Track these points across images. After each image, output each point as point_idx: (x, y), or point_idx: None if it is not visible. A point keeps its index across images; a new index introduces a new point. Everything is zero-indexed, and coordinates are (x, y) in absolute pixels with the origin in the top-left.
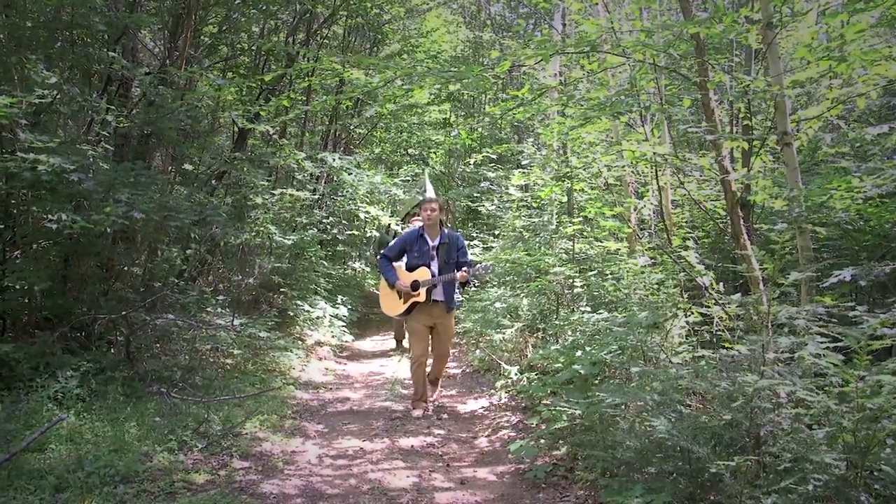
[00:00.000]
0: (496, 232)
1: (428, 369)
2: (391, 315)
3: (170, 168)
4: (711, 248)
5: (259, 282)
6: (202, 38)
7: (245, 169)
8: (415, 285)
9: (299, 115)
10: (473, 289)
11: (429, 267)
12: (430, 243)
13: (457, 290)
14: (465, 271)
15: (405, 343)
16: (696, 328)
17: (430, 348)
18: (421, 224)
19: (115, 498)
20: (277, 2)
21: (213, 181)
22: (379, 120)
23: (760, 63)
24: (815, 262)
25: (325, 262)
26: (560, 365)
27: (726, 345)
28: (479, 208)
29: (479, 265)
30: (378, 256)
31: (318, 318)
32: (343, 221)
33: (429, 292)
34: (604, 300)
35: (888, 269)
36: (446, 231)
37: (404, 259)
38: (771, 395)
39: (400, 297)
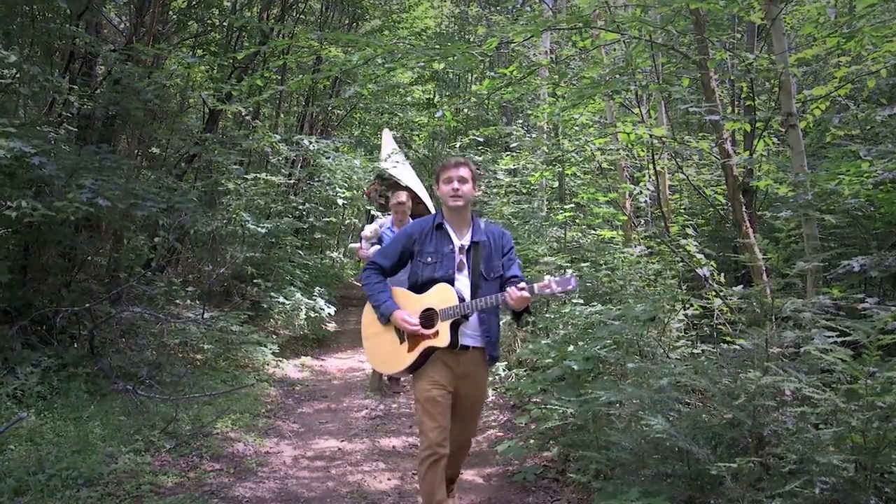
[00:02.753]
0: (483, 220)
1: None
2: (387, 372)
3: (136, 151)
4: (712, 236)
5: (231, 272)
6: (170, 13)
7: (216, 152)
8: (428, 318)
9: (274, 95)
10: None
11: (452, 283)
12: (455, 241)
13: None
14: (520, 290)
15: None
16: (695, 322)
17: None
18: (441, 210)
19: (77, 502)
20: None
21: (183, 165)
22: (359, 101)
23: (764, 40)
24: (822, 251)
25: (301, 252)
26: (551, 361)
27: (727, 339)
28: None
29: (553, 279)
30: (362, 266)
31: (293, 310)
32: (320, 208)
33: (455, 329)
34: (598, 292)
35: None
36: (482, 223)
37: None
38: (775, 393)
39: (401, 340)
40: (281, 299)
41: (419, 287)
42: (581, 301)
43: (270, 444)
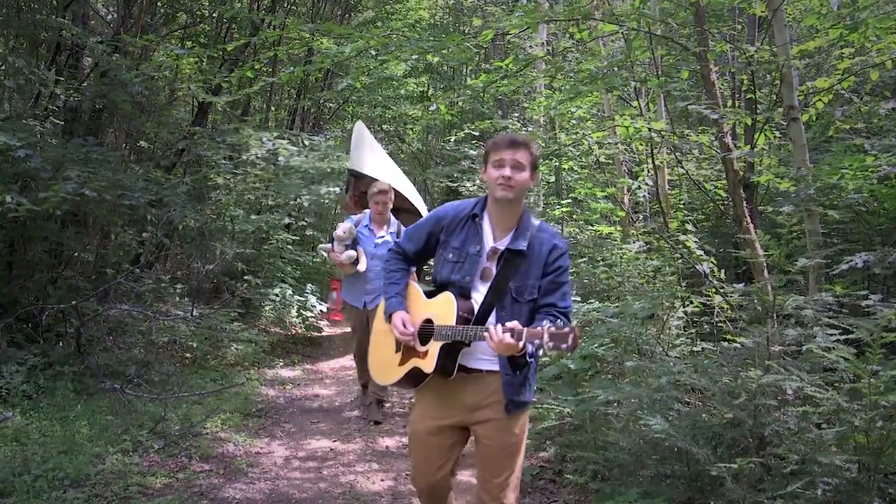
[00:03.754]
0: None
1: None
2: (375, 379)
3: (124, 145)
4: (712, 232)
5: (220, 269)
6: (159, 3)
7: (205, 146)
8: (427, 331)
9: (264, 87)
10: None
11: (469, 294)
12: (487, 241)
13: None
14: (505, 331)
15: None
16: (695, 319)
17: (450, 470)
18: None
19: (64, 503)
20: None
21: (171, 158)
22: (351, 94)
23: (765, 32)
24: (825, 247)
25: (291, 248)
26: (548, 359)
27: (728, 337)
28: (460, 189)
29: (550, 327)
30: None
31: (284, 308)
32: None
33: (447, 355)
34: (595, 289)
35: None
36: (535, 225)
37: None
38: (776, 392)
39: (397, 348)
40: (271, 296)
41: (440, 288)
42: (578, 298)
43: (261, 444)
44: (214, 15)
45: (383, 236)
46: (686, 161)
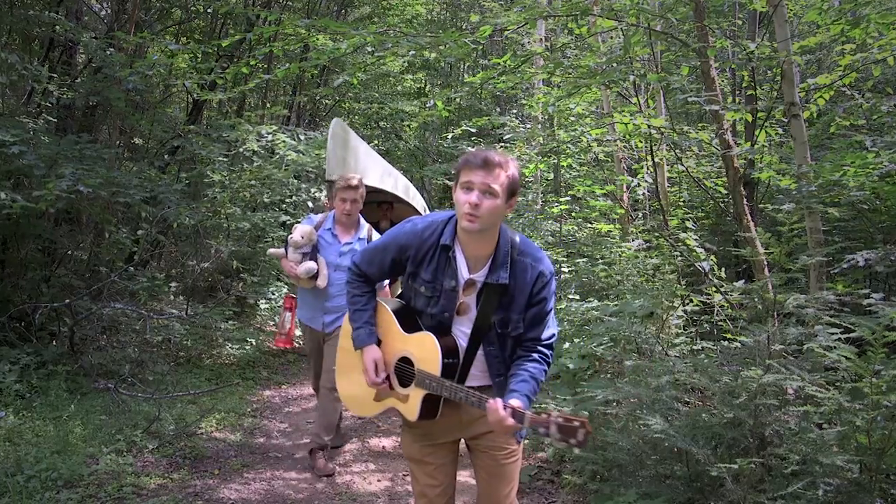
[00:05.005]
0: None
1: None
2: (348, 408)
3: (118, 142)
4: (712, 229)
5: (216, 267)
6: None
7: (200, 143)
8: (404, 371)
9: (260, 84)
10: None
11: (449, 329)
12: (462, 274)
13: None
14: (509, 411)
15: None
16: (695, 318)
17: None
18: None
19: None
20: None
21: (166, 156)
22: (347, 90)
23: (766, 27)
24: (826, 245)
25: None
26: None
27: (728, 336)
28: None
29: (558, 419)
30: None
31: (280, 306)
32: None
33: (430, 404)
34: (594, 287)
35: None
36: (516, 248)
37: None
38: (777, 392)
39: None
40: (267, 294)
41: (411, 314)
42: (577, 297)
43: (257, 444)
44: (209, 10)
45: (350, 243)
46: (686, 158)
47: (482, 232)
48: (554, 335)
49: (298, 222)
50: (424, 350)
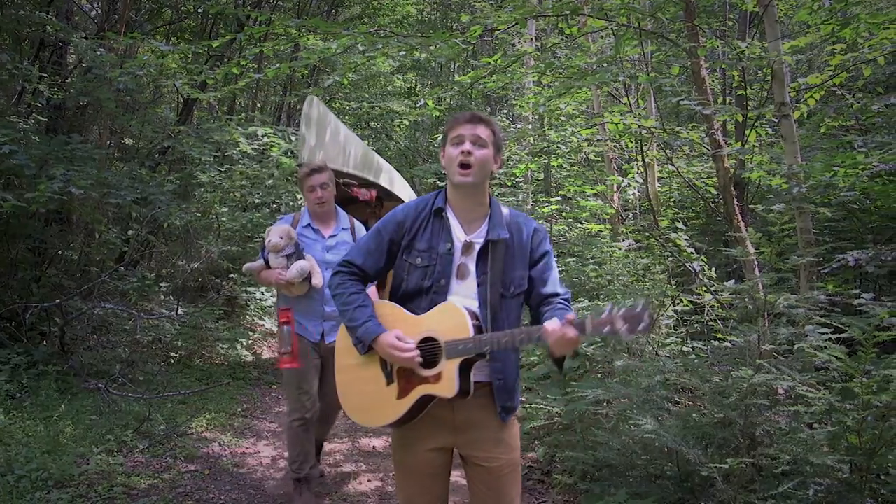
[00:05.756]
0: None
1: None
2: (366, 424)
3: (108, 142)
4: (702, 230)
5: (206, 267)
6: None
7: (190, 143)
8: (429, 351)
9: (250, 84)
10: None
11: (445, 296)
12: (458, 236)
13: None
14: (565, 326)
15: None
16: (685, 318)
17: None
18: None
19: None
20: None
21: (156, 156)
22: (338, 90)
23: (756, 27)
24: (816, 245)
25: None
26: (536, 358)
27: (719, 336)
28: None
29: (619, 312)
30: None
31: (270, 306)
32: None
33: (466, 373)
34: (585, 287)
35: None
36: (505, 211)
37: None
38: (767, 392)
39: (389, 379)
40: (258, 294)
41: (405, 299)
42: None
43: (247, 444)
44: (199, 11)
45: (335, 235)
46: (676, 158)
47: (475, 187)
48: (570, 293)
49: (270, 224)
50: (446, 317)
